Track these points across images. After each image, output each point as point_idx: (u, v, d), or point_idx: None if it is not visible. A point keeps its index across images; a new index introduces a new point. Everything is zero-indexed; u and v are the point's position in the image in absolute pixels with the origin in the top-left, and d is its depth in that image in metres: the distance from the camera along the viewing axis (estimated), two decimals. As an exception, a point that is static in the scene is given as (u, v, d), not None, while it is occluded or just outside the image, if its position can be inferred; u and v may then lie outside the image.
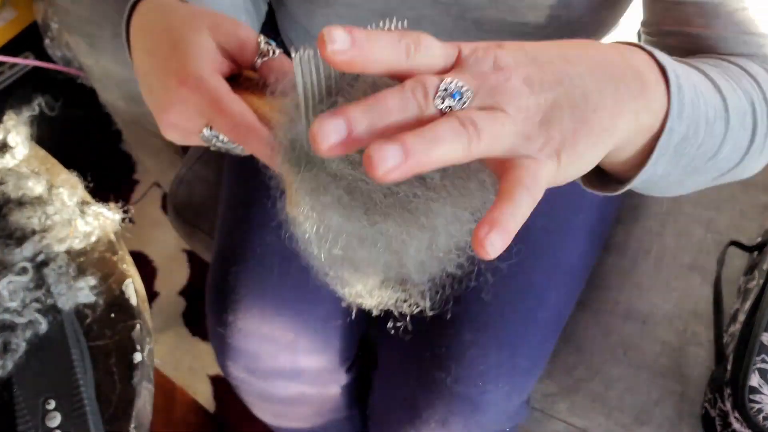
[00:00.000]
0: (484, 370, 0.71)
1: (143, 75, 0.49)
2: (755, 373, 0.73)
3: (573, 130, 0.34)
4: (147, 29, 0.50)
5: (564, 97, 0.34)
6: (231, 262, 0.79)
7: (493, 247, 0.31)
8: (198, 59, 0.44)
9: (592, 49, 0.38)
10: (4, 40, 1.27)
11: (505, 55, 0.34)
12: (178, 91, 0.44)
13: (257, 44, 0.47)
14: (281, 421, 0.94)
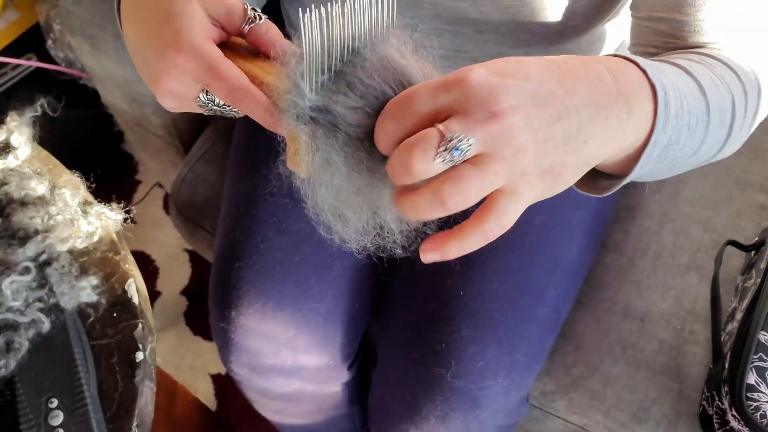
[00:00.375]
0: (483, 366, 0.71)
1: (137, 47, 0.50)
2: (752, 371, 0.73)
3: (563, 161, 0.37)
4: (138, 2, 0.50)
5: (560, 131, 0.37)
6: (233, 259, 0.80)
7: (427, 259, 0.38)
8: (191, 28, 0.46)
9: (591, 73, 0.40)
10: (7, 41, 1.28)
11: (509, 95, 0.35)
12: (174, 59, 0.45)
13: (244, 11, 0.48)
14: (283, 418, 0.94)
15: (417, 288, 0.79)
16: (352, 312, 0.83)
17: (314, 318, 0.79)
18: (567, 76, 0.38)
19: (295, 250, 0.78)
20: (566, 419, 0.88)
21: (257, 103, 0.44)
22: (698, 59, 0.52)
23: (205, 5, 0.47)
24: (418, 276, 0.79)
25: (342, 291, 0.81)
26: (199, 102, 0.48)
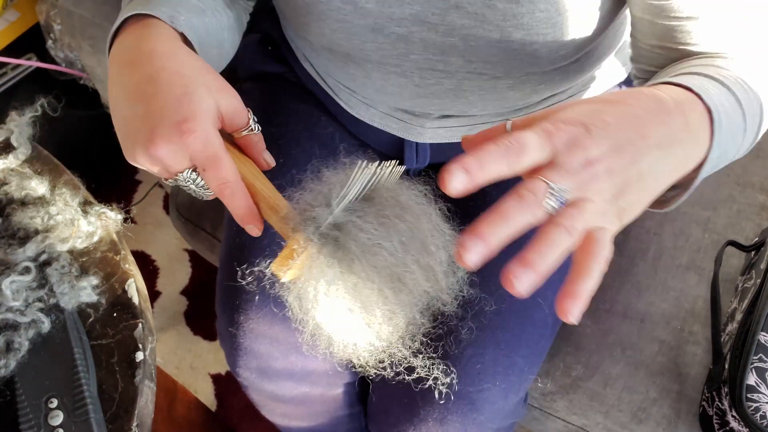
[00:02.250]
0: (481, 368, 0.71)
1: (133, 98, 0.52)
2: (752, 371, 0.73)
3: (637, 199, 0.42)
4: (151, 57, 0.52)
5: (635, 173, 0.41)
6: (241, 262, 0.80)
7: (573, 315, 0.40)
8: (207, 117, 0.50)
9: (662, 111, 0.44)
10: (7, 41, 1.28)
11: (593, 146, 0.40)
12: (184, 135, 0.48)
13: (248, 118, 0.53)
14: (290, 421, 0.94)
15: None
16: None
17: None
18: (640, 118, 0.42)
19: None
20: (566, 420, 0.88)
21: (244, 202, 0.50)
22: (724, 65, 0.55)
23: (218, 99, 0.51)
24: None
25: None
26: (180, 177, 0.52)
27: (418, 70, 0.68)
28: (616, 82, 0.82)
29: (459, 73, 0.68)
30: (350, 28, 0.64)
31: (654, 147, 0.42)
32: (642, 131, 0.42)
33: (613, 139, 0.41)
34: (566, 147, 0.40)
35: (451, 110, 0.74)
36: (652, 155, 0.41)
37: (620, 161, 0.40)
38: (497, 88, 0.69)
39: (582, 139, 0.40)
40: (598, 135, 0.40)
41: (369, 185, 0.46)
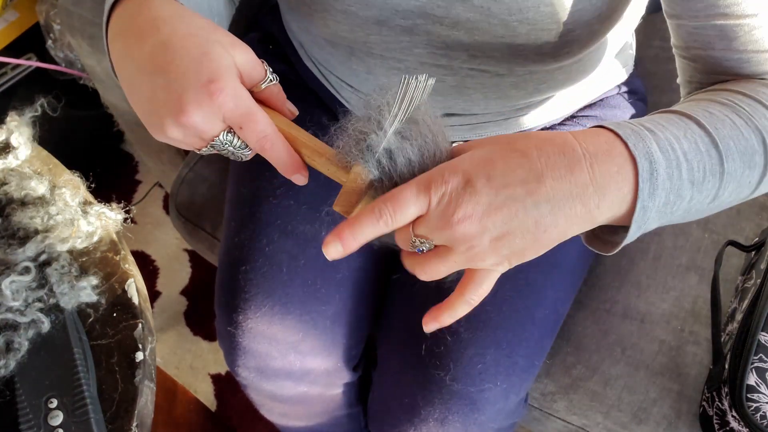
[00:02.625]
0: (482, 368, 0.71)
1: (150, 70, 0.49)
2: (752, 372, 0.73)
3: (522, 248, 0.44)
4: (156, 24, 0.50)
5: (517, 227, 0.43)
6: (239, 262, 0.79)
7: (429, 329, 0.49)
8: (231, 72, 0.48)
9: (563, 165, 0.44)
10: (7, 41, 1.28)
11: (467, 202, 0.43)
12: (213, 96, 0.47)
13: (265, 70, 0.52)
14: (288, 420, 0.94)
15: (415, 290, 0.79)
16: (358, 314, 0.83)
17: (321, 321, 0.79)
18: (534, 172, 0.43)
19: (301, 252, 0.78)
20: (566, 420, 0.88)
21: (286, 152, 0.50)
22: (724, 99, 0.52)
23: (235, 55, 0.49)
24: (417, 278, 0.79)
25: (348, 293, 0.81)
26: (216, 142, 0.50)
27: (421, 66, 0.68)
28: (616, 83, 0.82)
29: (462, 70, 0.68)
30: (354, 19, 0.64)
31: (542, 202, 0.43)
32: (530, 187, 0.43)
33: (493, 195, 0.42)
34: (440, 203, 0.43)
35: (453, 109, 0.73)
36: (539, 210, 0.43)
37: (496, 217, 0.42)
38: (500, 86, 0.69)
39: (457, 195, 0.43)
40: (475, 191, 0.42)
41: (412, 103, 0.46)
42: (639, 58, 0.89)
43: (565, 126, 0.81)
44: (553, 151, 0.44)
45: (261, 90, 0.52)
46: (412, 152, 0.46)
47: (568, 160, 0.43)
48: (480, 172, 0.43)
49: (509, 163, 0.43)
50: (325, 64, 0.79)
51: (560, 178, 0.43)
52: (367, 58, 0.70)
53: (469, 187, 0.43)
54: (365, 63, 0.71)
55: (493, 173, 0.43)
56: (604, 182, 0.44)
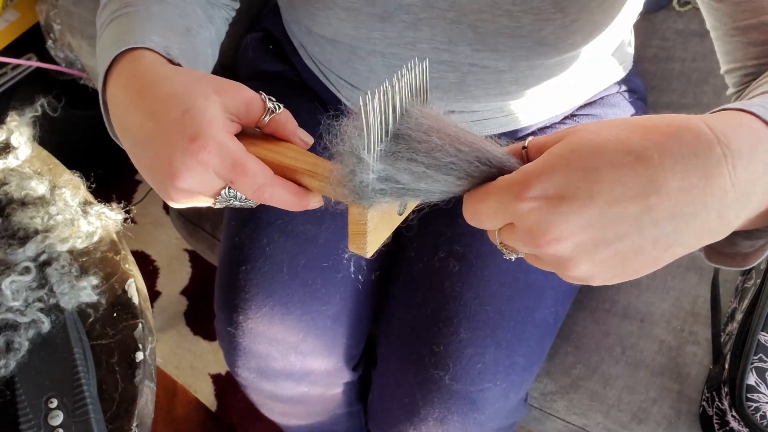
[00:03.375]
0: (482, 368, 0.71)
1: (142, 141, 0.49)
2: (752, 371, 0.73)
3: (634, 270, 0.36)
4: (145, 90, 0.49)
5: (628, 249, 0.35)
6: (240, 262, 0.79)
7: None
8: (213, 123, 0.46)
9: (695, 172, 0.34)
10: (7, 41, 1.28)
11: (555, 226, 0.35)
12: (197, 155, 0.45)
13: (263, 103, 0.49)
14: (289, 420, 0.94)
15: (416, 289, 0.79)
16: (359, 314, 0.83)
17: (322, 321, 0.79)
18: (654, 184, 0.33)
19: (301, 252, 0.78)
20: (566, 420, 0.88)
21: (287, 194, 0.46)
22: None
23: (223, 101, 0.47)
24: (417, 277, 0.79)
25: (349, 293, 0.81)
26: (221, 198, 0.48)
27: None
28: (614, 80, 0.83)
29: (464, 66, 0.68)
30: (358, 16, 0.64)
31: (665, 220, 0.34)
32: (648, 202, 0.34)
33: (596, 215, 0.34)
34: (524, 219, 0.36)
35: (454, 106, 0.74)
36: (659, 229, 0.34)
37: (598, 239, 0.35)
38: (501, 82, 0.69)
39: (547, 213, 0.35)
40: (571, 211, 0.34)
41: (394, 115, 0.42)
42: (638, 58, 0.89)
43: (565, 125, 0.81)
44: (681, 152, 0.34)
45: (266, 124, 0.49)
46: (417, 164, 0.41)
47: (703, 163, 0.34)
48: (579, 185, 0.34)
49: (620, 172, 0.34)
50: (326, 64, 0.79)
51: (691, 187, 0.34)
52: (369, 56, 0.70)
53: (564, 205, 0.34)
54: (366, 62, 0.71)
55: (597, 188, 0.34)
56: (750, 187, 0.35)
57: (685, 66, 1.04)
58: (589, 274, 0.37)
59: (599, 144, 0.35)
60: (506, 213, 0.37)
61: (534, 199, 0.35)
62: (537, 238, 0.36)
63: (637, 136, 0.34)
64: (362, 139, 0.40)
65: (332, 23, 0.66)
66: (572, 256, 0.36)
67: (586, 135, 0.36)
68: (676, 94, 1.03)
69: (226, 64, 1.05)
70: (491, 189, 0.38)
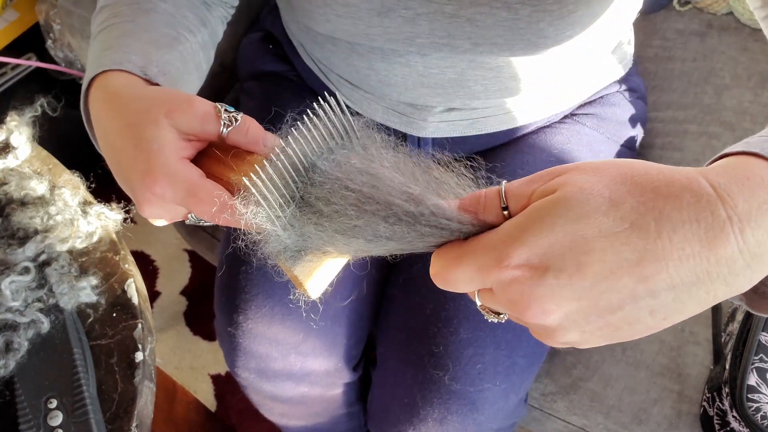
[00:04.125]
0: (481, 368, 0.71)
1: (114, 170, 0.51)
2: (753, 372, 0.73)
3: (628, 336, 0.33)
4: (106, 125, 0.50)
5: (621, 320, 0.32)
6: (240, 262, 0.79)
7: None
8: (162, 153, 0.45)
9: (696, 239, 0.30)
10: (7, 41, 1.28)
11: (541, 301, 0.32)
12: (152, 188, 0.45)
13: (217, 116, 0.47)
14: (288, 420, 0.94)
15: (416, 290, 0.79)
16: (359, 314, 0.83)
17: (322, 321, 0.79)
18: (651, 253, 0.30)
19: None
20: (566, 420, 0.88)
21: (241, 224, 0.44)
22: None
23: (175, 122, 0.47)
24: (416, 278, 0.79)
25: (349, 293, 0.81)
26: (189, 222, 0.49)
27: (422, 59, 0.68)
28: (613, 79, 0.82)
29: (463, 62, 0.68)
30: (356, 12, 0.64)
31: (663, 291, 0.31)
32: (644, 272, 0.31)
33: (587, 287, 0.31)
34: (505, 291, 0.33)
35: (454, 102, 0.73)
36: (657, 300, 0.31)
37: (589, 311, 0.32)
38: (500, 78, 0.69)
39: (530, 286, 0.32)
40: (558, 284, 0.31)
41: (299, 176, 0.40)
42: (639, 58, 0.89)
43: (565, 124, 0.81)
44: (681, 218, 0.31)
45: (226, 136, 0.48)
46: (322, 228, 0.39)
47: (705, 230, 0.31)
48: (566, 255, 0.31)
49: (612, 241, 0.31)
50: (326, 62, 0.79)
51: (693, 256, 0.30)
52: (368, 53, 0.70)
53: (550, 276, 0.31)
54: (366, 59, 0.71)
55: (586, 259, 0.31)
56: (762, 250, 0.31)
57: (685, 66, 1.04)
58: (578, 341, 0.34)
59: (590, 207, 0.31)
60: (485, 281, 0.34)
61: (516, 267, 0.32)
62: (522, 310, 0.33)
63: (632, 198, 0.31)
64: (263, 209, 0.39)
65: (330, 20, 0.66)
66: (560, 326, 0.33)
67: (574, 193, 0.32)
68: (676, 94, 1.03)
69: (226, 64, 1.05)
70: (465, 252, 0.35)
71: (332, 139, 0.42)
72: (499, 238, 0.33)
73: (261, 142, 0.48)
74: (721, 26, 1.06)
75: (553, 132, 0.80)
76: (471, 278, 0.34)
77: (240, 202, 0.41)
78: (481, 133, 0.78)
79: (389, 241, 0.37)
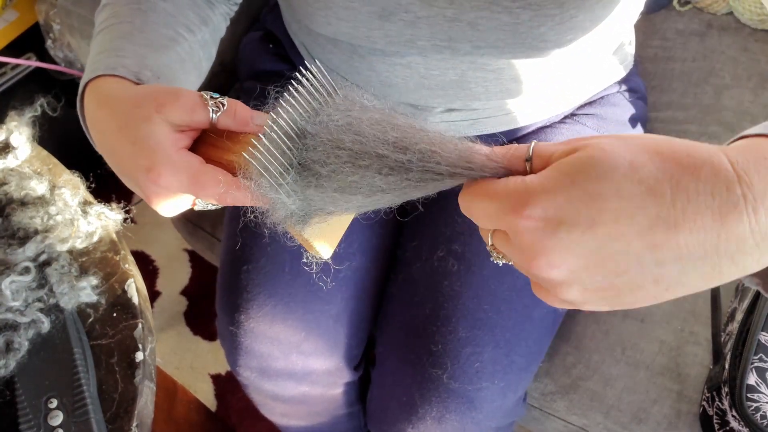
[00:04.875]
0: (480, 367, 0.71)
1: (118, 171, 0.52)
2: (752, 371, 0.73)
3: (630, 302, 0.34)
4: (102, 128, 0.52)
5: (625, 284, 0.33)
6: (241, 262, 0.79)
7: None
8: (160, 148, 0.47)
9: (709, 212, 0.31)
10: (7, 41, 1.28)
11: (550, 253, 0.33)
12: (157, 182, 0.47)
13: (203, 105, 0.49)
14: (289, 420, 0.94)
15: (414, 289, 0.79)
16: (360, 314, 0.83)
17: (324, 321, 0.79)
18: (664, 220, 0.31)
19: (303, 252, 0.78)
20: (566, 420, 0.88)
21: (247, 198, 0.46)
22: None
23: (166, 116, 0.48)
24: (415, 277, 0.79)
25: (350, 293, 0.81)
26: (197, 208, 0.51)
27: (423, 60, 0.68)
28: (615, 80, 0.83)
29: (464, 64, 0.68)
30: (357, 15, 0.64)
31: (670, 261, 0.32)
32: (655, 239, 0.31)
33: (595, 246, 0.32)
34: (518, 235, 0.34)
35: (454, 104, 0.73)
36: (663, 269, 0.32)
37: (595, 270, 0.33)
38: (501, 80, 0.69)
39: (543, 236, 0.33)
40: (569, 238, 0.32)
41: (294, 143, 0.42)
42: (639, 58, 0.89)
43: (566, 124, 0.81)
44: (697, 189, 0.31)
45: (216, 121, 0.49)
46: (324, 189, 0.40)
47: (719, 205, 0.31)
48: (581, 211, 0.32)
49: (627, 203, 0.32)
50: (327, 63, 0.79)
51: (703, 230, 0.31)
52: (369, 55, 0.70)
53: (563, 230, 0.32)
54: (367, 61, 0.71)
55: (600, 217, 0.32)
56: None
57: (685, 66, 1.04)
58: (579, 300, 0.35)
59: (610, 167, 0.32)
60: (501, 222, 0.35)
61: (532, 218, 0.33)
62: (530, 259, 0.34)
63: (652, 164, 0.32)
64: (265, 179, 0.41)
65: (331, 22, 0.66)
66: (564, 281, 0.34)
67: (597, 153, 0.33)
68: (676, 94, 1.03)
69: (226, 63, 1.05)
70: (491, 191, 0.36)
71: (317, 102, 0.44)
72: (524, 187, 0.34)
73: (250, 121, 0.49)
74: (721, 26, 1.06)
75: (554, 132, 0.80)
76: (490, 216, 0.36)
77: (243, 177, 0.43)
78: (482, 134, 0.78)
79: (385, 193, 0.39)
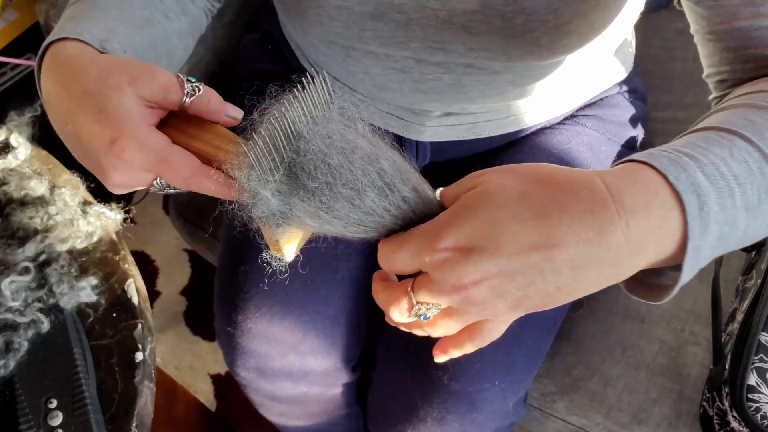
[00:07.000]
0: (480, 368, 0.71)
1: (71, 138, 0.49)
2: (753, 372, 0.73)
3: (543, 304, 0.40)
4: (62, 92, 0.49)
5: (535, 292, 0.38)
6: (239, 262, 0.79)
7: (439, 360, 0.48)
8: (129, 120, 0.45)
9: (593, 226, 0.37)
10: (6, 41, 1.28)
11: (471, 272, 0.38)
12: (120, 156, 0.45)
13: (180, 85, 0.48)
14: (287, 420, 0.94)
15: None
16: (358, 314, 0.83)
17: (321, 321, 0.79)
18: (553, 237, 0.37)
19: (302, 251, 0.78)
20: (566, 420, 0.88)
21: (214, 185, 0.46)
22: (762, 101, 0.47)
23: (138, 90, 0.47)
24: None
25: (348, 293, 0.80)
26: (154, 188, 0.49)
27: (417, 64, 0.68)
28: (615, 81, 0.82)
29: (459, 67, 0.67)
30: (349, 14, 0.63)
31: (565, 269, 0.37)
32: (549, 253, 0.37)
33: (505, 262, 0.37)
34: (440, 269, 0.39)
35: (451, 108, 0.73)
36: (560, 277, 0.37)
37: (508, 283, 0.38)
38: (497, 83, 0.69)
39: (462, 261, 0.38)
40: (482, 259, 0.37)
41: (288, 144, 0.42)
42: (639, 58, 0.88)
43: (565, 125, 0.81)
44: (578, 209, 0.38)
45: (188, 105, 0.48)
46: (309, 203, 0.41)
47: (598, 221, 0.37)
48: (487, 237, 0.37)
49: (522, 225, 0.37)
50: (322, 65, 0.79)
51: (587, 242, 0.37)
52: (363, 58, 0.70)
53: (475, 254, 0.37)
54: (361, 63, 0.71)
55: (502, 240, 0.37)
56: (643, 240, 0.38)
57: (686, 66, 1.04)
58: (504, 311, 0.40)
59: (505, 197, 0.38)
60: (420, 262, 0.40)
61: (447, 249, 0.38)
62: (456, 287, 0.38)
63: (539, 191, 0.38)
64: (255, 173, 0.41)
65: (323, 21, 0.65)
66: (488, 298, 0.38)
67: (492, 187, 0.39)
68: (677, 94, 1.03)
69: (226, 63, 1.05)
70: (406, 238, 0.41)
71: (318, 111, 0.44)
72: (432, 226, 0.40)
73: (222, 111, 0.49)
74: (721, 26, 1.06)
75: (554, 133, 0.80)
76: (410, 259, 0.40)
77: (231, 166, 0.43)
78: (481, 137, 0.78)
79: (360, 226, 0.42)
